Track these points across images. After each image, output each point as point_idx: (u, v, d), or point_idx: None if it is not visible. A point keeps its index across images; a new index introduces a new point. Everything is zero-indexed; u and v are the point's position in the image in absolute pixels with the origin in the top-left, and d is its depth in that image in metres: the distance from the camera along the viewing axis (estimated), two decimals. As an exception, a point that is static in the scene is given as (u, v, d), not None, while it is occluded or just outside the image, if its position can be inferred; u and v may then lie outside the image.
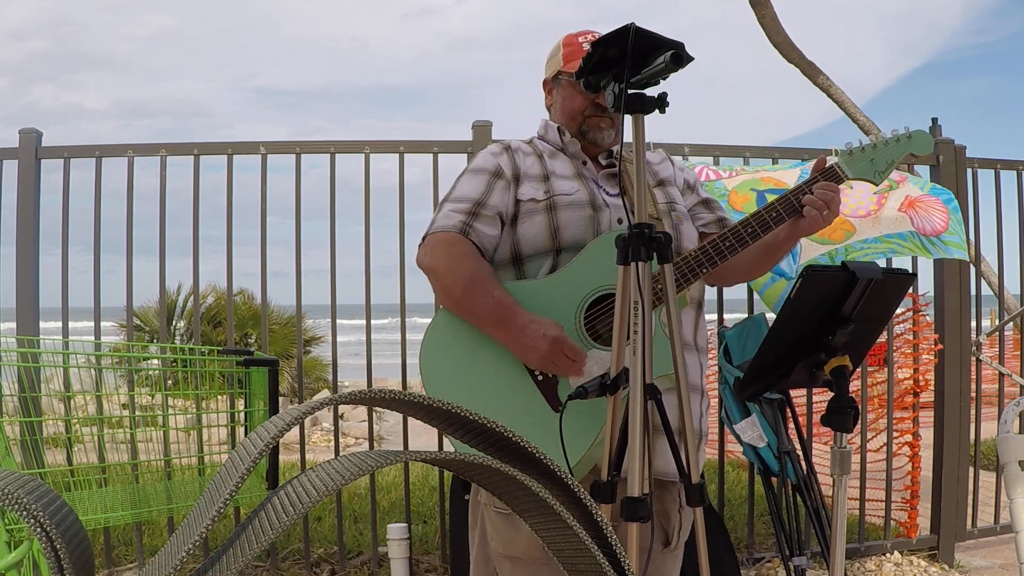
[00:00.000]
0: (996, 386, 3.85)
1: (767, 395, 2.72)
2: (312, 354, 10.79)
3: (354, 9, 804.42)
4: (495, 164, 1.80)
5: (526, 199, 1.76)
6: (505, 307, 1.65)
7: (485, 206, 1.75)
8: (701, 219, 1.91)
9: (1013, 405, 2.04)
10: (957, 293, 3.59)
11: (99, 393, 2.74)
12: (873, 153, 1.78)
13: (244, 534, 0.47)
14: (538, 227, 1.73)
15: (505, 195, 1.77)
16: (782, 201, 1.70)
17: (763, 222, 1.70)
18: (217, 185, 3.76)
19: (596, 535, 0.56)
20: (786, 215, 1.70)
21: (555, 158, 1.84)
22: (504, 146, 1.85)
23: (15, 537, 2.09)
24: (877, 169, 1.77)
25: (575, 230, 1.72)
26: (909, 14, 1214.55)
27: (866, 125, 6.16)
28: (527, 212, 1.75)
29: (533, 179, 1.79)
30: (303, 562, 3.32)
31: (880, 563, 3.49)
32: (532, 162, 1.82)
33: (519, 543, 1.64)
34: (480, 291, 1.67)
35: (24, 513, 0.46)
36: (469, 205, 1.75)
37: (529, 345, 1.62)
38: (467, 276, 1.69)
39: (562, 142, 1.85)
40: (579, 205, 1.74)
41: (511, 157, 1.82)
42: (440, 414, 0.55)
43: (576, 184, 1.78)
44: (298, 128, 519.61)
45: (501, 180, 1.78)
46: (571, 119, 1.84)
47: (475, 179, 1.79)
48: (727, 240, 1.69)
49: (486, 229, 1.74)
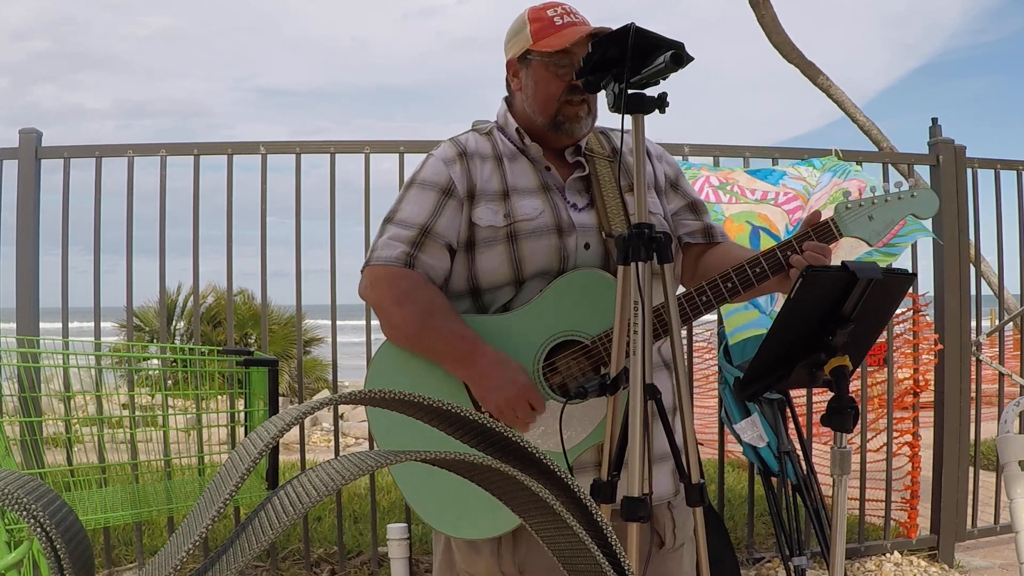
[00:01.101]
0: (996, 386, 3.85)
1: (767, 395, 2.72)
2: (312, 354, 10.80)
3: (355, 9, 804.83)
4: (446, 178, 1.63)
5: (484, 225, 1.61)
6: (467, 342, 1.54)
7: (431, 234, 1.60)
8: (685, 227, 1.78)
9: (1013, 405, 2.04)
10: (957, 293, 3.59)
11: (99, 393, 2.74)
12: (872, 210, 1.62)
13: (244, 534, 0.47)
14: (499, 259, 1.60)
15: (456, 218, 1.62)
16: (768, 258, 1.58)
17: (746, 279, 1.57)
18: (217, 185, 3.76)
19: (596, 535, 0.56)
20: (771, 272, 1.57)
21: (515, 161, 1.67)
22: (459, 151, 1.67)
23: (15, 537, 2.09)
24: (875, 230, 1.61)
25: (540, 260, 1.60)
26: (909, 14, 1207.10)
27: (866, 125, 6.17)
28: (485, 241, 1.61)
29: (490, 198, 1.62)
30: (303, 562, 3.32)
31: (880, 563, 3.49)
32: (489, 172, 1.65)
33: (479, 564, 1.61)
34: (438, 326, 1.56)
35: (24, 513, 0.46)
36: (414, 233, 1.60)
37: (494, 385, 1.52)
38: (421, 310, 1.57)
39: (523, 144, 1.68)
40: (543, 232, 1.60)
41: (465, 167, 1.64)
42: (440, 414, 0.55)
43: (538, 203, 1.63)
44: (299, 128, 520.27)
45: (452, 200, 1.62)
46: (546, 105, 1.64)
47: (423, 196, 1.63)
48: (704, 295, 1.57)
49: (432, 260, 1.61)
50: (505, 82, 1.75)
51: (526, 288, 1.61)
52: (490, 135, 1.72)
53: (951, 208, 3.59)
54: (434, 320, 1.56)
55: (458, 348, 1.55)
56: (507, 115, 1.72)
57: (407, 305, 1.58)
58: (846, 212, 1.61)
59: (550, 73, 1.64)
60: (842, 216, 1.60)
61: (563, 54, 1.62)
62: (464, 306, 1.64)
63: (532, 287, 1.61)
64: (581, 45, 1.58)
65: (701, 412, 5.12)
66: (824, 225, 1.59)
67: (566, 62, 1.62)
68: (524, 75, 1.68)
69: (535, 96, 1.66)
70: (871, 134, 6.01)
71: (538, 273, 1.61)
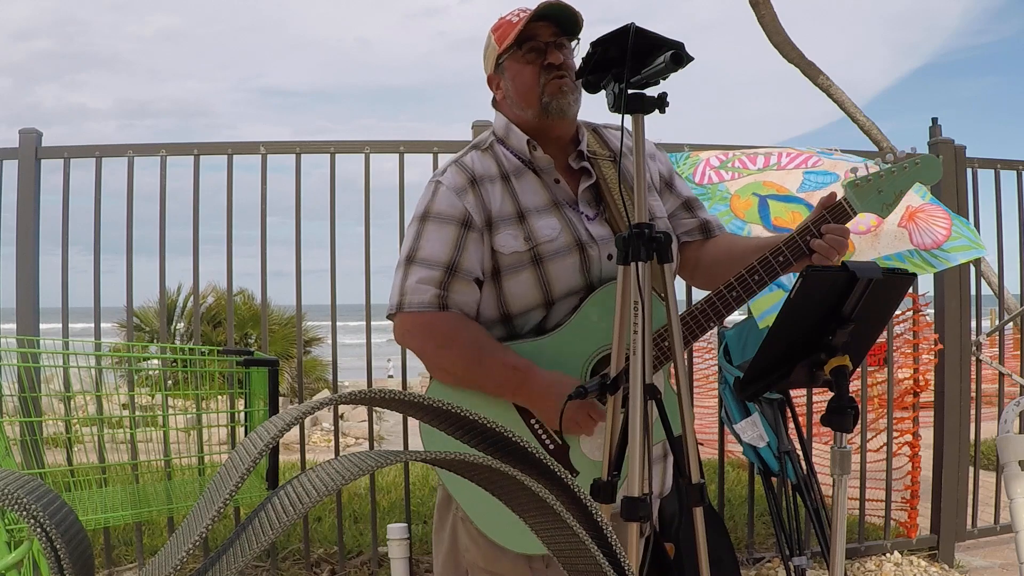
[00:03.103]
0: (996, 386, 3.85)
1: (767, 395, 2.72)
2: (312, 354, 10.80)
3: (358, 10, 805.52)
4: (462, 211, 1.61)
5: (507, 252, 1.60)
6: (520, 371, 1.56)
7: (459, 271, 1.59)
8: (683, 226, 1.80)
9: (1013, 405, 2.04)
10: (957, 293, 3.59)
11: (99, 393, 2.74)
12: (880, 184, 1.66)
13: (244, 534, 0.47)
14: (526, 284, 1.61)
15: (479, 250, 1.61)
16: (790, 245, 1.61)
17: (770, 268, 1.60)
18: (217, 185, 3.76)
19: (596, 535, 0.56)
20: (793, 260, 1.60)
21: (522, 178, 1.66)
22: (468, 177, 1.64)
23: (15, 537, 2.09)
24: (885, 202, 1.66)
25: (567, 280, 1.61)
26: (909, 14, 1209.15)
27: (866, 125, 6.16)
28: (510, 267, 1.61)
29: (508, 223, 1.62)
30: (303, 562, 3.32)
31: (880, 563, 3.49)
32: (500, 194, 1.64)
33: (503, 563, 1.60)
34: (487, 362, 1.57)
35: (24, 513, 0.46)
36: (440, 273, 1.59)
37: (553, 407, 1.53)
38: (467, 352, 1.58)
39: (530, 157, 1.67)
40: (565, 251, 1.61)
41: (478, 194, 1.62)
42: (440, 414, 0.55)
43: (554, 221, 1.63)
44: (300, 129, 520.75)
45: (472, 232, 1.60)
46: (529, 94, 1.64)
47: (442, 232, 1.60)
48: (734, 291, 1.59)
49: (463, 297, 1.60)
50: (492, 101, 1.76)
51: (556, 308, 1.63)
52: (491, 150, 1.70)
53: (951, 208, 3.59)
54: (483, 357, 1.58)
55: (512, 379, 1.57)
56: (508, 125, 1.70)
57: (453, 348, 1.59)
58: (856, 189, 1.64)
59: (520, 64, 1.65)
60: (853, 193, 1.64)
61: (524, 41, 1.63)
62: (497, 333, 1.64)
63: (562, 307, 1.63)
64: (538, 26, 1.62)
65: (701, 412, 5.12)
66: (839, 205, 1.62)
67: (530, 46, 1.64)
68: (503, 81, 1.69)
69: (516, 91, 1.66)
70: (871, 134, 6.00)
71: (567, 292, 1.62)
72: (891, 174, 1.66)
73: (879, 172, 1.66)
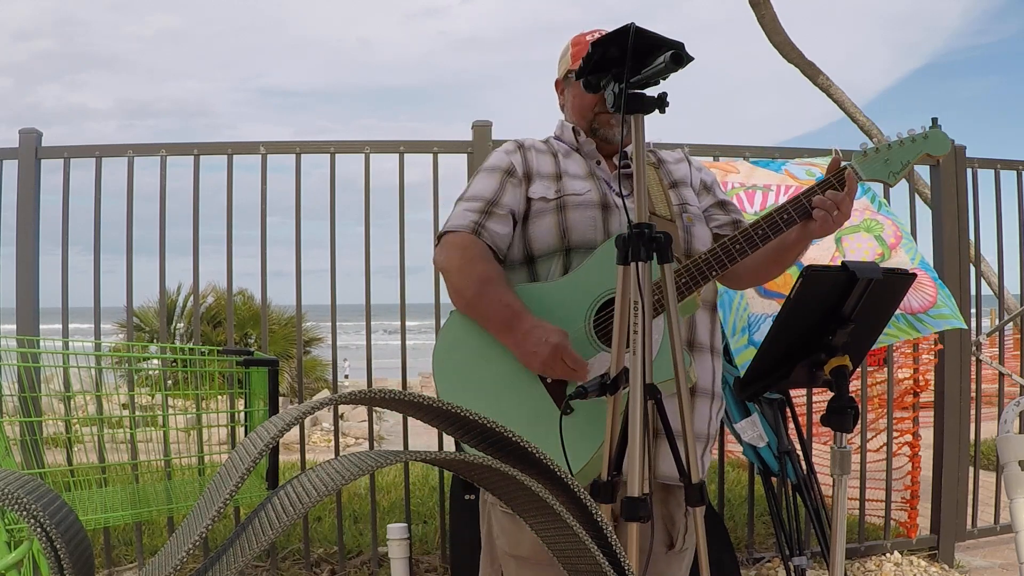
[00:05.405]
0: (996, 386, 3.85)
1: (767, 395, 2.72)
2: (312, 354, 10.80)
3: (359, 10, 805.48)
4: (508, 163, 1.83)
5: (536, 197, 1.78)
6: (512, 311, 1.65)
7: (498, 204, 1.78)
8: (715, 220, 1.91)
9: (1013, 405, 2.04)
10: (957, 293, 3.59)
11: (99, 393, 2.74)
12: (888, 154, 1.73)
13: (244, 534, 0.47)
14: (547, 227, 1.75)
15: (517, 193, 1.80)
16: (793, 203, 1.68)
17: (774, 224, 1.68)
18: (217, 185, 3.76)
19: (596, 535, 0.56)
20: (797, 217, 1.68)
21: (569, 157, 1.86)
22: (518, 144, 1.88)
23: (15, 537, 2.09)
24: (892, 170, 1.73)
25: (584, 230, 1.73)
26: (910, 15, 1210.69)
27: (866, 125, 6.17)
28: (537, 212, 1.77)
29: (545, 177, 1.81)
30: (303, 562, 3.32)
31: (880, 563, 3.49)
32: (546, 160, 1.84)
33: (524, 543, 1.64)
34: (490, 294, 1.69)
35: (24, 513, 0.46)
36: (482, 204, 1.78)
37: (530, 350, 1.61)
38: (478, 279, 1.70)
39: (577, 142, 1.87)
40: (588, 205, 1.75)
41: (524, 155, 1.85)
42: (440, 414, 0.55)
43: (588, 184, 1.79)
44: (301, 129, 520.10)
45: (513, 178, 1.81)
46: (582, 116, 1.85)
47: (489, 178, 1.82)
48: (737, 243, 1.67)
49: (498, 228, 1.77)
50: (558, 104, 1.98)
51: (573, 257, 1.74)
52: (547, 141, 1.92)
53: (951, 208, 3.60)
54: (487, 288, 1.70)
55: (503, 316, 1.67)
56: (563, 124, 1.93)
57: (470, 272, 1.72)
58: (863, 159, 1.73)
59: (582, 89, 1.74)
60: (860, 162, 1.73)
61: None
62: (521, 276, 1.78)
63: (578, 258, 1.73)
64: None
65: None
66: (844, 171, 1.70)
67: None
68: (566, 92, 1.91)
69: (574, 108, 1.88)
70: (871, 134, 6.01)
71: (582, 245, 1.73)
72: (899, 145, 1.74)
73: (887, 143, 1.74)
